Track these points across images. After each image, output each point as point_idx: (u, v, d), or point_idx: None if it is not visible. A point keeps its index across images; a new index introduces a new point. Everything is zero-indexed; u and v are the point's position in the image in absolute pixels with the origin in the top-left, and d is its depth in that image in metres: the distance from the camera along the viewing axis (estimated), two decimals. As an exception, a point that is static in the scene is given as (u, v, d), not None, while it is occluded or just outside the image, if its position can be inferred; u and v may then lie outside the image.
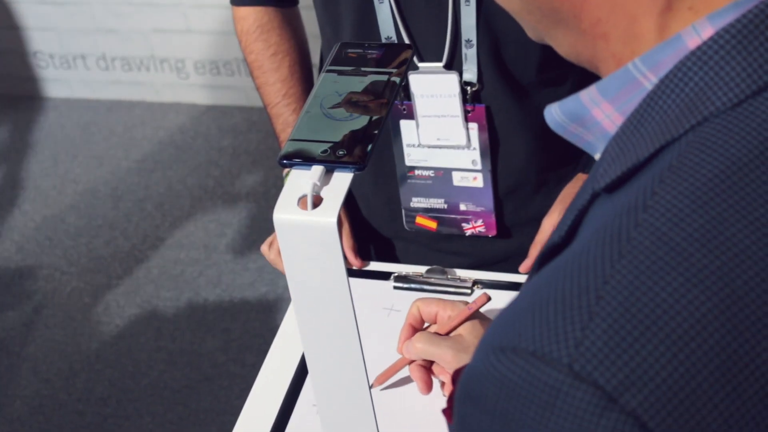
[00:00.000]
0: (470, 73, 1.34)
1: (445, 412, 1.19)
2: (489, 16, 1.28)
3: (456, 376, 1.00)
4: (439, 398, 1.21)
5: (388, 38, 1.33)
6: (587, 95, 0.62)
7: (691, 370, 0.49)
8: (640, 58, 0.58)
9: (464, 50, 1.32)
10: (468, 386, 0.55)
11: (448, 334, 1.17)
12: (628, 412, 0.49)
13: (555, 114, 0.65)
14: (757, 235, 0.51)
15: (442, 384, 1.21)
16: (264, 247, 1.61)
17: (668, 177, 0.53)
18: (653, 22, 0.58)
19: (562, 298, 0.52)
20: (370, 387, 1.03)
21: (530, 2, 0.63)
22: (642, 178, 0.55)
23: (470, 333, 1.16)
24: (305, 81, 1.54)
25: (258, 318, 2.86)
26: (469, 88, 1.35)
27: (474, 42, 1.30)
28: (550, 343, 0.50)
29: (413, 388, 1.21)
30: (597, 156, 0.64)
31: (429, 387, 1.19)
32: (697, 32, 0.56)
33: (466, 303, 1.18)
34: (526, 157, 1.42)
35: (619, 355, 0.49)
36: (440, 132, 1.40)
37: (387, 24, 1.33)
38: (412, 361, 1.20)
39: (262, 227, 3.16)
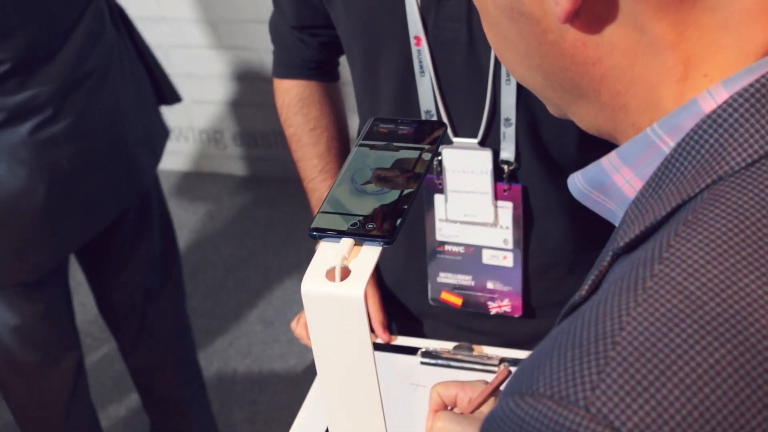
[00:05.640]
0: (508, 152, 1.33)
1: None
2: (528, 96, 1.28)
3: None
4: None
5: (427, 111, 1.33)
6: (608, 161, 0.64)
7: (704, 414, 0.50)
8: (658, 123, 0.60)
9: (503, 129, 1.31)
10: (488, 431, 0.56)
11: (472, 413, 1.16)
12: None
13: (578, 182, 0.67)
14: None
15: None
16: (293, 323, 1.61)
17: (683, 231, 0.55)
18: (671, 90, 0.60)
19: (579, 344, 0.53)
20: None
21: (552, 79, 0.65)
22: (658, 235, 0.57)
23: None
24: (342, 157, 1.55)
25: (286, 390, 2.84)
26: (506, 166, 1.34)
27: (513, 121, 1.30)
28: (567, 387, 0.52)
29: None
30: None
31: None
32: (712, 97, 0.58)
33: (486, 382, 1.17)
34: (561, 238, 1.41)
35: (634, 399, 0.50)
36: (468, 208, 1.39)
37: (427, 97, 1.33)
38: None
39: (293, 299, 3.16)
